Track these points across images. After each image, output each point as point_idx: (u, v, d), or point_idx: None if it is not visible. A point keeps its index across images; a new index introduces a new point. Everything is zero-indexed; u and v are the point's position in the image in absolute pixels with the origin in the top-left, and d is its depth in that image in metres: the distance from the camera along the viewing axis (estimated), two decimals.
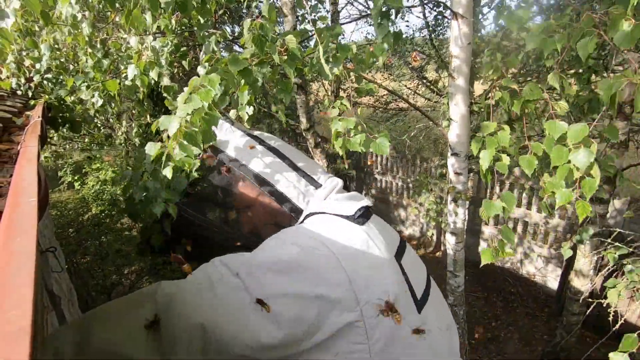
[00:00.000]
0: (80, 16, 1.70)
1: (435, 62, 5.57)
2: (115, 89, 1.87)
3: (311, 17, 1.38)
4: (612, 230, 2.66)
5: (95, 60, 1.86)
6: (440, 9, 4.82)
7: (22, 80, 2.17)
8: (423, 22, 5.80)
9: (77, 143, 5.49)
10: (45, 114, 1.78)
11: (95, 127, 4.62)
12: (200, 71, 1.37)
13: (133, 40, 1.77)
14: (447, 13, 4.66)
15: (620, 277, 2.23)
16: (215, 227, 1.43)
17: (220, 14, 4.84)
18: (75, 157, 5.52)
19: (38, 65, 2.00)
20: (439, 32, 5.72)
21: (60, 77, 2.13)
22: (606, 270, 2.51)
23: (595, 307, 2.46)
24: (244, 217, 1.40)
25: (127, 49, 1.92)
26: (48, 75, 2.11)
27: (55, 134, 4.41)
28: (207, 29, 1.56)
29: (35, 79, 2.10)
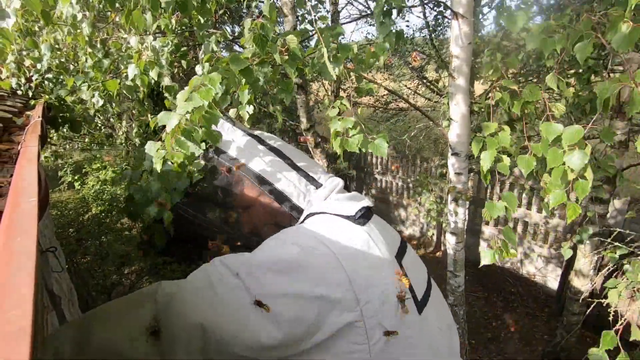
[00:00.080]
0: (80, 16, 1.70)
1: (435, 62, 5.57)
2: (115, 89, 1.87)
3: (312, 17, 1.37)
4: (612, 230, 2.65)
5: (95, 60, 1.86)
6: (440, 9, 4.82)
7: (22, 80, 2.16)
8: (423, 22, 5.80)
9: (77, 143, 5.48)
10: (46, 113, 1.78)
11: (96, 127, 4.62)
12: (198, 70, 1.37)
13: (133, 40, 1.76)
14: (447, 13, 4.66)
15: (620, 277, 2.22)
16: (215, 227, 1.43)
17: (221, 14, 4.84)
18: (75, 157, 5.51)
19: (39, 65, 2.00)
20: (439, 32, 5.72)
21: (61, 77, 2.12)
22: (606, 270, 2.51)
23: (595, 307, 2.46)
24: (244, 217, 1.40)
25: (127, 48, 1.92)
26: (48, 75, 2.11)
27: (55, 134, 4.41)
28: (207, 28, 1.56)
29: (34, 78, 2.10)
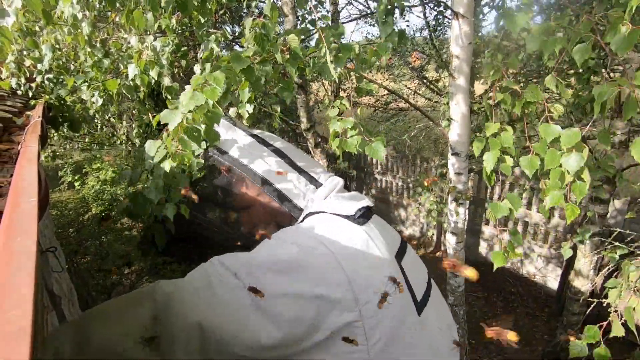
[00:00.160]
0: (81, 16, 1.70)
1: (435, 62, 5.57)
2: (115, 88, 1.87)
3: (312, 17, 1.37)
4: (612, 230, 2.65)
5: (94, 59, 1.86)
6: (440, 9, 4.82)
7: (22, 80, 2.16)
8: (423, 22, 5.80)
9: (77, 143, 5.49)
10: (46, 113, 1.78)
11: (97, 127, 4.62)
12: (196, 70, 1.36)
13: (134, 40, 1.76)
14: (447, 13, 4.65)
15: (620, 277, 2.23)
16: (215, 227, 1.43)
17: (221, 14, 4.84)
18: (75, 157, 5.52)
19: (40, 66, 2.00)
20: (439, 32, 5.72)
21: (61, 77, 2.13)
22: (606, 270, 2.51)
23: (595, 307, 2.46)
24: (244, 216, 1.40)
25: (127, 48, 1.92)
26: (49, 75, 2.11)
27: (55, 134, 4.41)
28: (206, 28, 1.56)
29: (38, 79, 2.10)
